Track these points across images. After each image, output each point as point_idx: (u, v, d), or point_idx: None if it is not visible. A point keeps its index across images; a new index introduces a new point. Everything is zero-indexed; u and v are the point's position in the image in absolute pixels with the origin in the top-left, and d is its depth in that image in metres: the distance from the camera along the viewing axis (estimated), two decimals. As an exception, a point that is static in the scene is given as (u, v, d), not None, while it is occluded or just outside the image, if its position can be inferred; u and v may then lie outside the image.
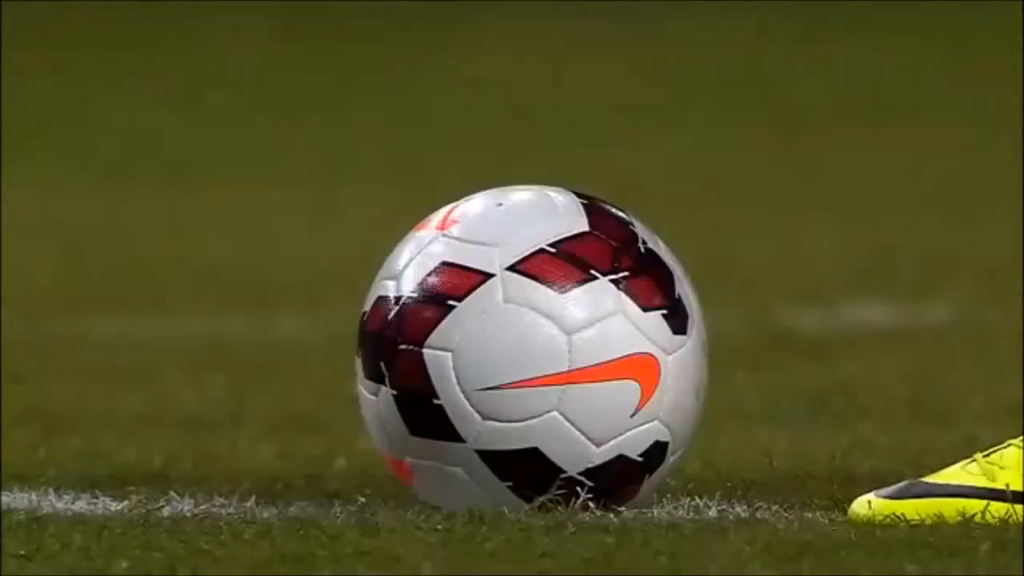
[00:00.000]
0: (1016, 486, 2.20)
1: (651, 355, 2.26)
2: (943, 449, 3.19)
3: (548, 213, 2.35)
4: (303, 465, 3.33)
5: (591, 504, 2.25)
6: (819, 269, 9.83)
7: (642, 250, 2.33)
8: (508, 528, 2.09)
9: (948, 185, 14.52)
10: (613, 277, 2.28)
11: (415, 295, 2.29)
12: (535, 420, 2.24)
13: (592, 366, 2.24)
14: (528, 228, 2.32)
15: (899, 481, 2.33)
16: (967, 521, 2.17)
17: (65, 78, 22.33)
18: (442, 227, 2.35)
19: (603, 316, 2.26)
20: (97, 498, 2.64)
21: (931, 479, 2.27)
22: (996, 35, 23.06)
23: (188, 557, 1.85)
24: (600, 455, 2.25)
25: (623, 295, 2.27)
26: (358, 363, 2.37)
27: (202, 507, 2.48)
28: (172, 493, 2.62)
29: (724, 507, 2.42)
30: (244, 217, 12.83)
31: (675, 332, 2.30)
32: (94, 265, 10.37)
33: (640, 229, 2.37)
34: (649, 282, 2.31)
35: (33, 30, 24.56)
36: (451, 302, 2.26)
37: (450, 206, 2.40)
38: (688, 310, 2.34)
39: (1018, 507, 2.19)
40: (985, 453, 2.26)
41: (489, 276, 2.27)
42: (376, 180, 15.20)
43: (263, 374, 5.94)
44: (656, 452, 2.29)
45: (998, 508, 2.19)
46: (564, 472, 2.25)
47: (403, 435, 2.29)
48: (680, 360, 2.30)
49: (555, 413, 2.24)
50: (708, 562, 1.78)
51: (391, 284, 2.34)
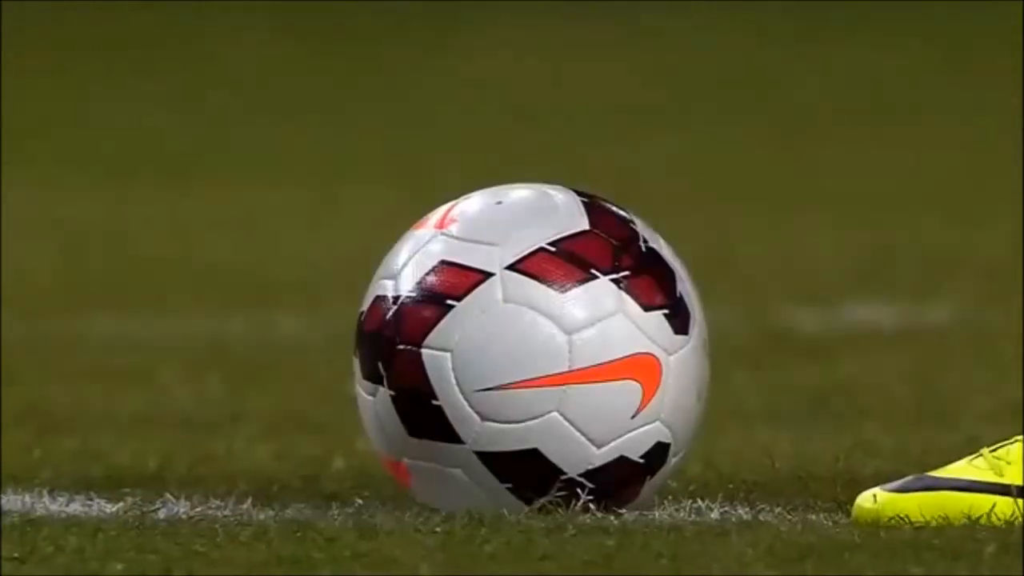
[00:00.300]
0: (1019, 482, 2.19)
1: (652, 355, 2.24)
2: (946, 449, 3.17)
3: (548, 212, 2.33)
4: (300, 466, 3.31)
5: (591, 506, 2.23)
6: (820, 269, 9.83)
7: (643, 249, 2.31)
8: (508, 530, 2.07)
9: (949, 185, 14.52)
10: (614, 276, 2.26)
11: (413, 294, 2.27)
12: (535, 421, 2.21)
13: (592, 366, 2.22)
14: (528, 227, 2.30)
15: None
16: (972, 523, 2.15)
17: (64, 78, 22.34)
18: (441, 226, 2.33)
19: (604, 316, 2.24)
20: (92, 500, 2.62)
21: (937, 473, 2.25)
22: (996, 35, 23.07)
23: (184, 559, 1.83)
24: (600, 456, 2.23)
25: (624, 294, 2.25)
26: (356, 363, 2.35)
27: (198, 509, 2.46)
28: (168, 495, 2.60)
29: (726, 509, 2.40)
30: (243, 217, 12.83)
31: (676, 332, 2.28)
32: (92, 265, 10.36)
33: (641, 227, 2.35)
34: (650, 281, 2.29)
35: (32, 29, 24.58)
36: (450, 301, 2.24)
37: (449, 204, 2.38)
38: (690, 309, 2.32)
39: (1022, 502, 2.18)
40: (992, 448, 2.24)
41: (488, 275, 2.25)
42: (376, 180, 15.20)
43: (261, 374, 5.93)
44: (657, 453, 2.27)
45: (1004, 505, 2.18)
46: (564, 474, 2.23)
47: (401, 436, 2.27)
48: (682, 360, 2.28)
49: (555, 414, 2.21)
50: (710, 564, 1.76)
51: (389, 283, 2.31)
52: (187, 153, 17.17)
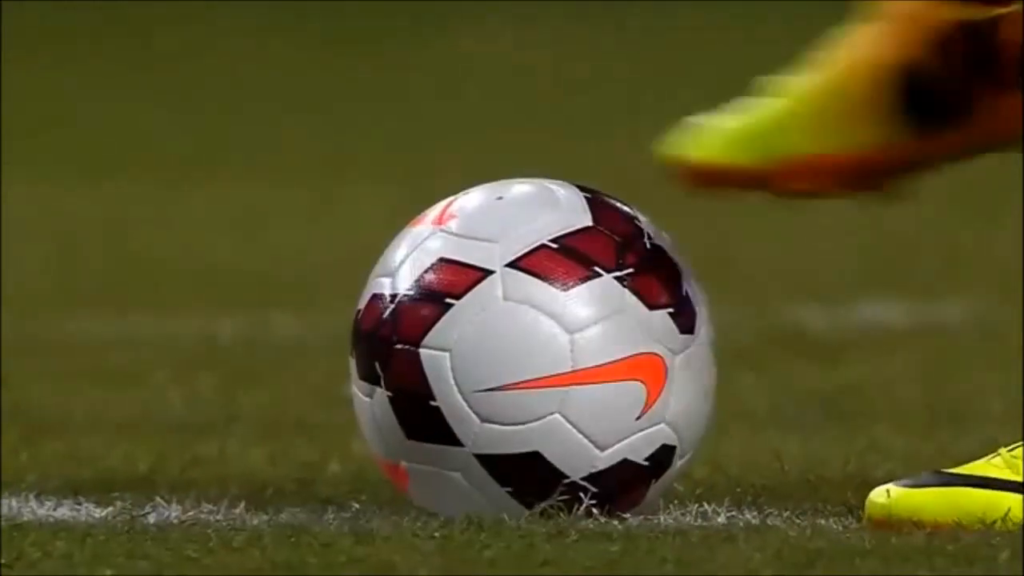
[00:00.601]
0: None
1: (657, 355, 2.24)
2: (960, 452, 3.16)
3: (550, 207, 2.32)
4: (295, 470, 3.31)
5: (594, 511, 2.23)
6: (828, 266, 9.81)
7: (648, 246, 2.31)
8: (508, 535, 2.06)
9: (962, 180, 14.48)
10: (618, 274, 2.25)
11: (411, 292, 2.27)
12: (536, 423, 2.21)
13: (596, 366, 2.22)
14: (529, 223, 2.29)
15: (917, 480, 2.31)
16: (986, 527, 2.15)
17: (58, 73, 22.35)
18: (439, 222, 2.33)
19: (607, 314, 2.23)
20: (80, 504, 2.62)
21: (953, 471, 2.25)
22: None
23: (175, 565, 1.82)
24: (604, 459, 2.23)
25: (628, 292, 2.25)
26: (352, 363, 2.34)
27: (190, 513, 2.46)
28: (158, 499, 2.60)
29: (733, 513, 2.40)
30: (238, 214, 12.83)
31: (682, 331, 2.27)
32: (82, 263, 10.36)
33: (645, 224, 2.34)
34: (655, 279, 2.28)
35: (25, 25, 24.58)
36: (449, 300, 2.23)
37: (447, 200, 2.37)
38: (695, 308, 2.31)
39: None
40: (1010, 448, 2.24)
41: (488, 273, 2.24)
42: (375, 178, 15.20)
43: (255, 375, 5.93)
44: (663, 456, 2.27)
45: (1019, 505, 2.17)
46: (567, 477, 2.22)
47: (399, 438, 2.26)
48: (688, 360, 2.27)
49: (557, 415, 2.21)
50: (716, 570, 1.75)
51: (386, 281, 2.31)
52: (181, 150, 17.17)
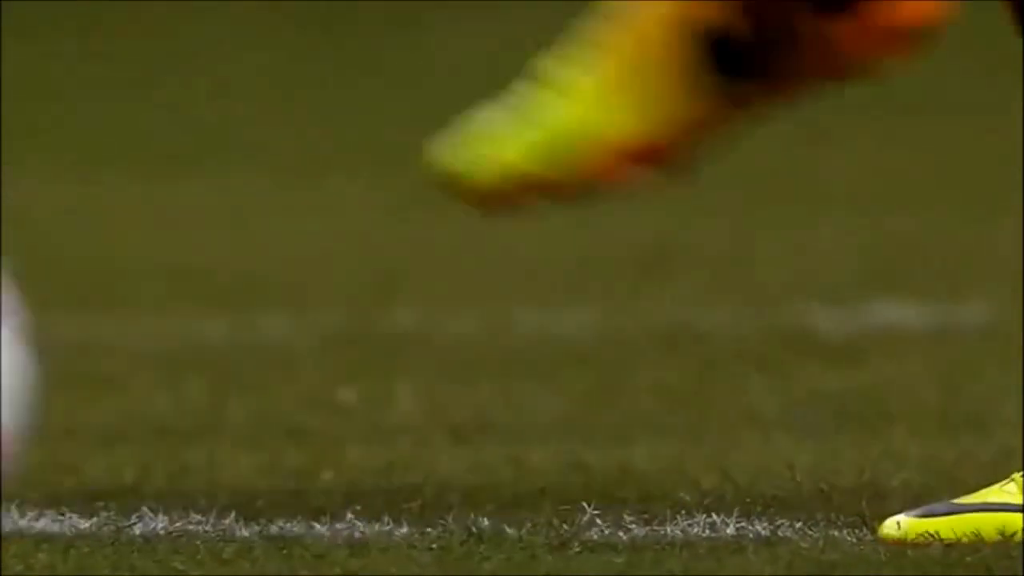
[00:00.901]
0: None
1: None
2: (978, 460, 3.17)
3: None
4: (286, 479, 3.31)
5: (598, 520, 2.23)
6: (841, 267, 9.82)
7: None
8: (508, 546, 2.07)
9: (980, 179, 14.51)
10: None
11: None
12: None
13: None
14: None
15: (931, 497, 2.31)
16: (1006, 539, 2.15)
17: (40, 67, 22.36)
18: None
19: None
20: (64, 515, 2.62)
21: (964, 500, 2.26)
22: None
23: (162, 577, 1.83)
24: None
25: None
26: None
27: (177, 524, 2.47)
28: (145, 509, 2.61)
29: (743, 524, 2.40)
30: (224, 211, 12.84)
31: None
32: (60, 262, 10.34)
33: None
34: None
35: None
36: None
37: None
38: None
39: None
40: None
41: None
42: (365, 174, 15.21)
43: (244, 379, 5.92)
44: None
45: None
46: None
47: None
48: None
49: None
50: (726, 583, 1.76)
51: None
52: (163, 144, 17.16)
